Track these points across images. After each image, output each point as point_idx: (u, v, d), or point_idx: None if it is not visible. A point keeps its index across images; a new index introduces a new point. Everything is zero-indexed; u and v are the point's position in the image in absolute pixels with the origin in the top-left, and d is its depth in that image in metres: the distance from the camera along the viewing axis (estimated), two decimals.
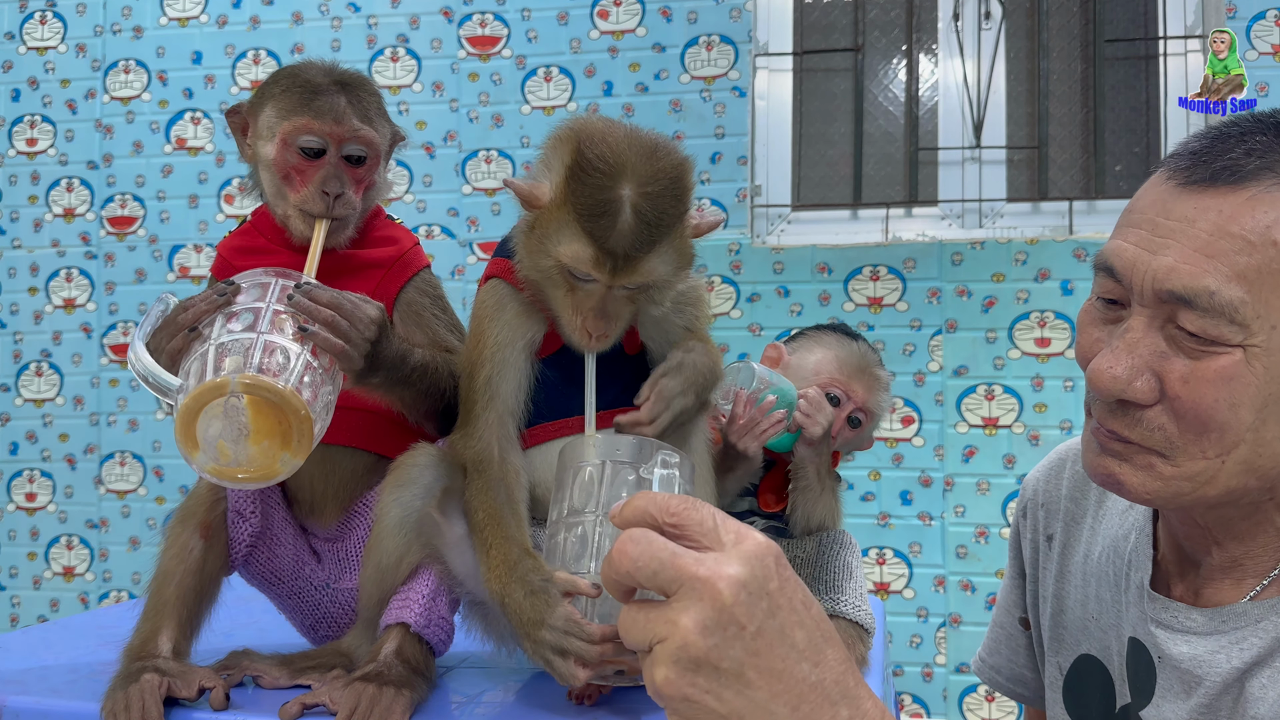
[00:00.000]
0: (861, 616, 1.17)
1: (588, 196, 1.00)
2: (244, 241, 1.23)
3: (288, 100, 1.16)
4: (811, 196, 2.70)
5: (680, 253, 1.05)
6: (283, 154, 1.15)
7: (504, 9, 2.74)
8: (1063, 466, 1.05)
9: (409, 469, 1.11)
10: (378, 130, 1.18)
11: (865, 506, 2.52)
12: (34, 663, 1.21)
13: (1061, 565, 1.01)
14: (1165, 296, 0.75)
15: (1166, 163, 0.80)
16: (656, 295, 1.06)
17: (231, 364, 0.92)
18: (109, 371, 2.89)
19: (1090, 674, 0.95)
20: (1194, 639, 0.83)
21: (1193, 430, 0.76)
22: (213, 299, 0.99)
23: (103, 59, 2.92)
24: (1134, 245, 0.78)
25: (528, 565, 1.01)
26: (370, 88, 1.21)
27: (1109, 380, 0.77)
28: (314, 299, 1.00)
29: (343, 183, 1.15)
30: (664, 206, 1.01)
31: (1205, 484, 0.77)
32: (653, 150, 1.02)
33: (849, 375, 1.29)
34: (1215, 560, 0.85)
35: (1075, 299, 2.45)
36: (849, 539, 1.27)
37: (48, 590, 2.92)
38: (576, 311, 1.04)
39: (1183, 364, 0.75)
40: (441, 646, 1.13)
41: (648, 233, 1.00)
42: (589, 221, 1.00)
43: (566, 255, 1.01)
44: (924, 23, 2.68)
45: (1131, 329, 0.77)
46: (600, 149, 1.01)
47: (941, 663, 2.49)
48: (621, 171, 1.00)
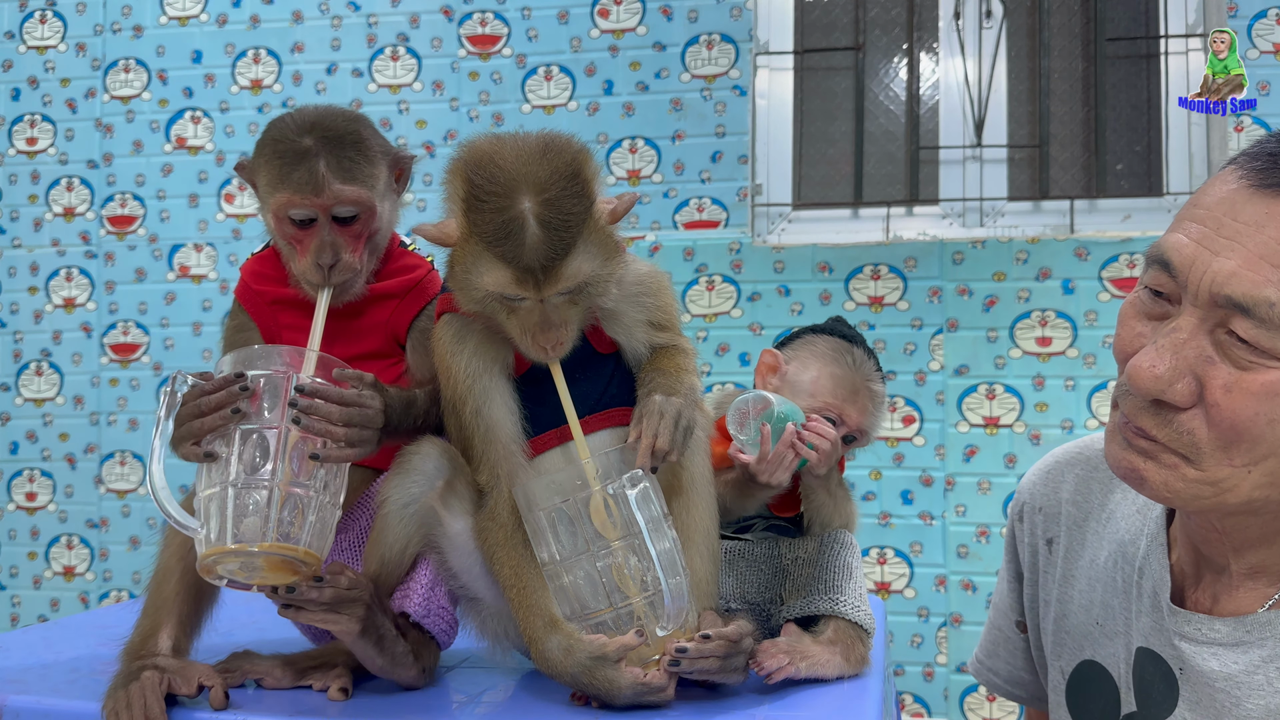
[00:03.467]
0: (861, 617, 1.17)
1: (488, 223, 0.99)
2: (266, 269, 1.24)
3: (271, 171, 1.15)
4: (812, 195, 2.69)
5: (602, 245, 1.03)
6: (278, 225, 1.17)
7: (504, 8, 2.74)
8: (1061, 470, 1.04)
9: (412, 457, 1.12)
10: (365, 183, 1.15)
11: (866, 506, 2.51)
12: (34, 662, 1.21)
13: (1066, 570, 1.00)
14: (1221, 301, 0.72)
15: (1240, 161, 0.77)
16: (595, 291, 1.05)
17: (250, 528, 0.97)
18: (109, 371, 2.89)
19: (1094, 680, 0.94)
20: (1221, 652, 0.82)
21: (1223, 439, 0.74)
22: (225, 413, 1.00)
23: (103, 58, 2.92)
24: (1195, 242, 0.74)
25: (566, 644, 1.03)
26: (354, 137, 1.16)
27: (1150, 379, 0.74)
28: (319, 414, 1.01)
29: (338, 248, 1.15)
30: (567, 208, 1.00)
31: (1227, 491, 0.76)
32: (541, 154, 1.01)
33: (843, 399, 1.28)
34: (1234, 566, 0.83)
35: (1076, 298, 2.45)
36: (849, 539, 1.26)
37: (48, 590, 2.92)
38: (524, 330, 1.04)
39: (1227, 372, 0.73)
40: (444, 636, 1.13)
41: (558, 238, 0.99)
42: (497, 246, 0.99)
43: (489, 284, 1.01)
44: (925, 21, 2.68)
45: (1179, 329, 0.75)
46: (488, 171, 1.00)
47: (942, 662, 2.49)
48: (514, 187, 0.99)
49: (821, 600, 1.18)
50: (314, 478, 1.02)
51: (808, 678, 1.10)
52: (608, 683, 1.00)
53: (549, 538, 1.05)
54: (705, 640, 1.02)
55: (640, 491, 1.02)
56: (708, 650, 1.02)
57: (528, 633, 1.06)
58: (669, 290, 1.18)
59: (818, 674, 1.10)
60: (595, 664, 1.01)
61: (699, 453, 1.14)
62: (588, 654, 1.01)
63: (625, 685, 1.00)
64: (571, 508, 1.04)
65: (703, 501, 1.13)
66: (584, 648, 1.01)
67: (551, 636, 1.03)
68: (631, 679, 1.00)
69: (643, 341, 1.14)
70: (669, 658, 1.01)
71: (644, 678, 1.00)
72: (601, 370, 1.13)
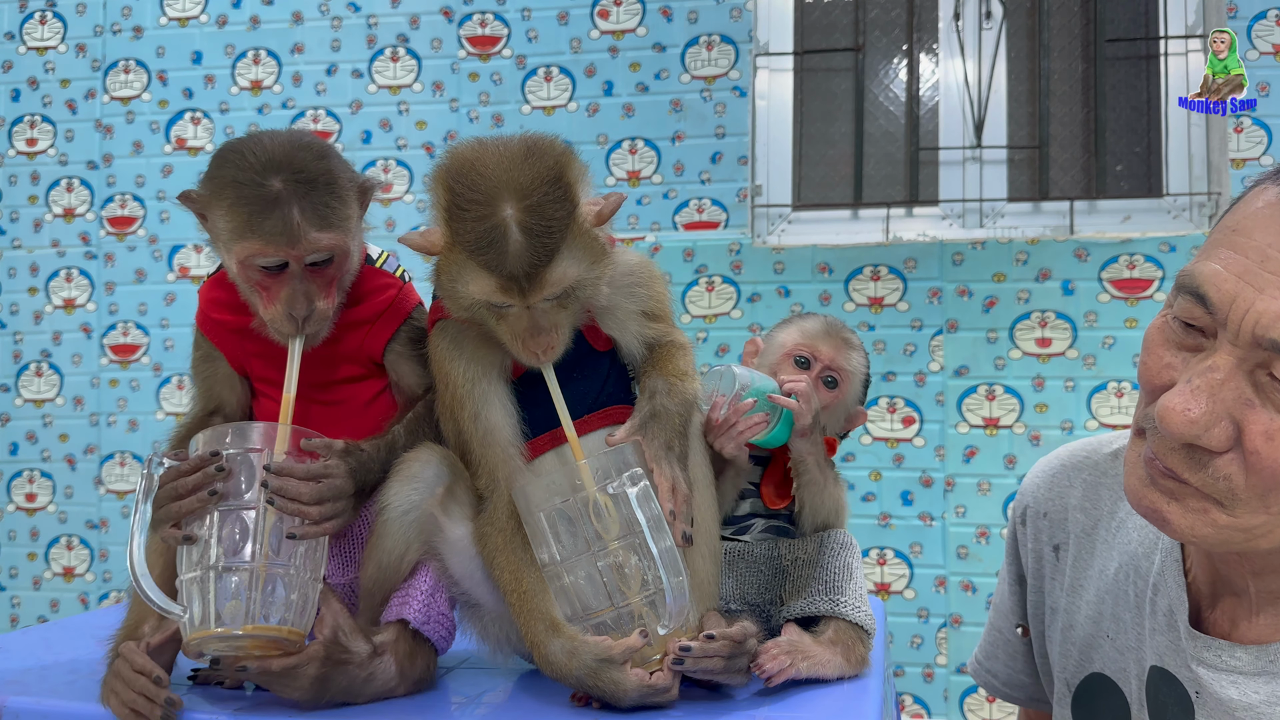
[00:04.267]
0: (861, 618, 1.16)
1: (470, 231, 0.99)
2: (224, 295, 1.18)
3: (236, 217, 1.05)
4: (812, 196, 2.69)
5: (587, 248, 1.02)
6: (243, 271, 1.08)
7: (504, 9, 2.74)
8: (1067, 475, 1.01)
9: (412, 464, 1.12)
10: (340, 227, 1.08)
11: (866, 507, 2.51)
12: (34, 663, 1.21)
13: (1074, 578, 0.98)
14: (1266, 344, 0.67)
15: (1277, 179, 0.71)
16: (584, 294, 1.04)
17: (231, 612, 1.00)
18: (109, 372, 2.89)
19: (1103, 694, 0.92)
20: (1242, 681, 0.78)
21: (1262, 486, 0.69)
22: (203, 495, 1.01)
23: (103, 59, 2.92)
24: (1236, 277, 0.68)
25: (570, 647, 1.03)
26: (327, 177, 1.07)
27: (1183, 424, 0.69)
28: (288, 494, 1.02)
29: (310, 297, 1.08)
30: (550, 213, 0.99)
31: (1260, 537, 0.72)
32: (523, 159, 1.00)
33: (813, 338, 1.29)
34: (1254, 589, 0.80)
35: (1076, 299, 2.45)
36: (849, 539, 1.26)
37: (48, 590, 2.91)
38: (514, 336, 1.03)
39: (1269, 418, 0.68)
40: (442, 643, 1.13)
41: (541, 245, 0.98)
42: (480, 255, 0.98)
43: (475, 292, 1.01)
44: (925, 22, 2.68)
45: (1215, 369, 0.69)
46: (469, 179, 0.99)
47: (942, 663, 2.49)
48: (496, 195, 0.98)
49: (821, 601, 1.17)
50: (293, 554, 1.03)
51: (808, 678, 1.10)
52: (613, 684, 1.00)
53: (549, 538, 1.05)
54: (709, 640, 1.02)
55: (641, 490, 1.02)
56: (712, 650, 1.02)
57: (529, 637, 1.06)
58: (660, 279, 1.17)
59: (818, 674, 1.10)
60: (601, 666, 1.00)
61: (698, 454, 1.14)
62: (593, 656, 1.01)
63: (631, 687, 1.00)
64: (571, 508, 1.04)
65: (703, 503, 1.13)
66: (589, 650, 1.01)
67: (554, 640, 1.03)
68: (637, 681, 1.00)
69: (637, 335, 1.14)
70: (672, 656, 1.01)
71: (649, 679, 1.00)
72: (598, 368, 1.13)
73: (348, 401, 1.20)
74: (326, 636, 1.05)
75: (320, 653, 1.03)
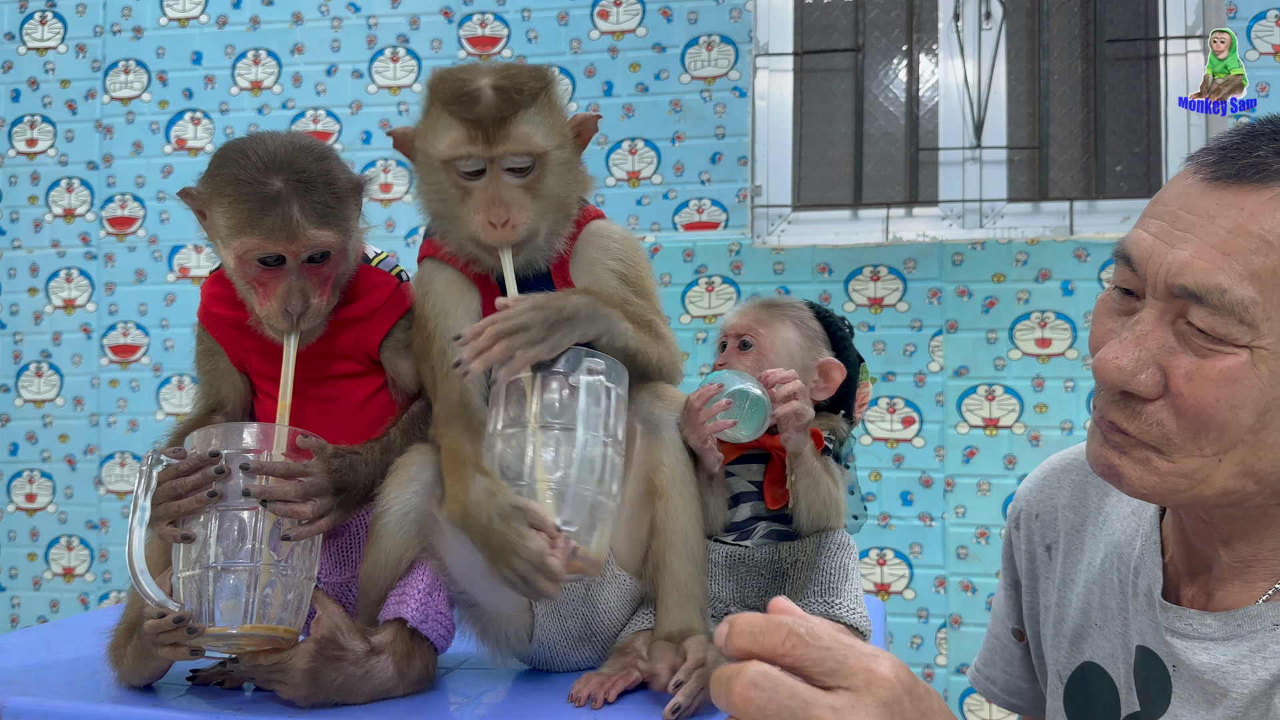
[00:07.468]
0: (857, 619, 1.17)
1: (448, 89, 1.08)
2: (224, 291, 1.19)
3: (236, 214, 1.07)
4: (812, 197, 2.70)
5: (553, 126, 1.10)
6: (241, 267, 1.11)
7: (504, 9, 2.74)
8: (1057, 476, 1.04)
9: (410, 467, 1.12)
10: (339, 225, 1.11)
11: (866, 507, 2.52)
12: (34, 663, 1.21)
13: (1065, 574, 1.00)
14: (1177, 291, 0.74)
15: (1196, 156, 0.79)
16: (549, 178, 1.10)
17: (227, 612, 1.01)
18: (109, 372, 2.89)
19: (1093, 682, 0.94)
20: (1212, 646, 0.82)
21: (1191, 428, 0.75)
22: (201, 495, 1.02)
23: (103, 59, 2.92)
24: (1152, 236, 0.77)
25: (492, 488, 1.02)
26: (326, 177, 1.10)
27: (1114, 371, 0.76)
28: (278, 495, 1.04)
29: (307, 293, 1.10)
30: (521, 81, 1.08)
31: (1201, 483, 0.77)
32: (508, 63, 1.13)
33: (736, 315, 1.33)
34: (1225, 560, 0.84)
35: (1076, 299, 2.45)
36: (847, 540, 1.26)
37: (48, 591, 2.92)
38: (476, 209, 1.08)
39: (1188, 361, 0.75)
40: (441, 641, 1.13)
41: (510, 100, 1.06)
42: (453, 105, 1.07)
43: (444, 146, 1.07)
44: (924, 23, 2.68)
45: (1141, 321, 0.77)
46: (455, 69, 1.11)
47: (942, 664, 2.49)
48: (477, 72, 1.09)
49: (817, 603, 1.18)
50: (289, 554, 1.05)
51: None
52: (516, 535, 0.98)
53: (500, 408, 1.07)
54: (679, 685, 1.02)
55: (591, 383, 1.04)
56: (692, 690, 1.02)
57: (453, 487, 1.04)
58: (641, 252, 1.22)
59: None
60: (514, 514, 0.99)
61: (675, 451, 1.15)
62: (512, 504, 1.00)
63: (530, 550, 0.98)
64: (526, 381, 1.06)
65: (681, 501, 1.14)
66: (510, 498, 1.01)
67: (479, 478, 1.03)
68: (538, 547, 0.98)
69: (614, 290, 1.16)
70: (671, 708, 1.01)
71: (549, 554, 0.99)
72: None
73: (342, 398, 1.21)
74: (322, 634, 1.05)
75: (311, 648, 1.04)
